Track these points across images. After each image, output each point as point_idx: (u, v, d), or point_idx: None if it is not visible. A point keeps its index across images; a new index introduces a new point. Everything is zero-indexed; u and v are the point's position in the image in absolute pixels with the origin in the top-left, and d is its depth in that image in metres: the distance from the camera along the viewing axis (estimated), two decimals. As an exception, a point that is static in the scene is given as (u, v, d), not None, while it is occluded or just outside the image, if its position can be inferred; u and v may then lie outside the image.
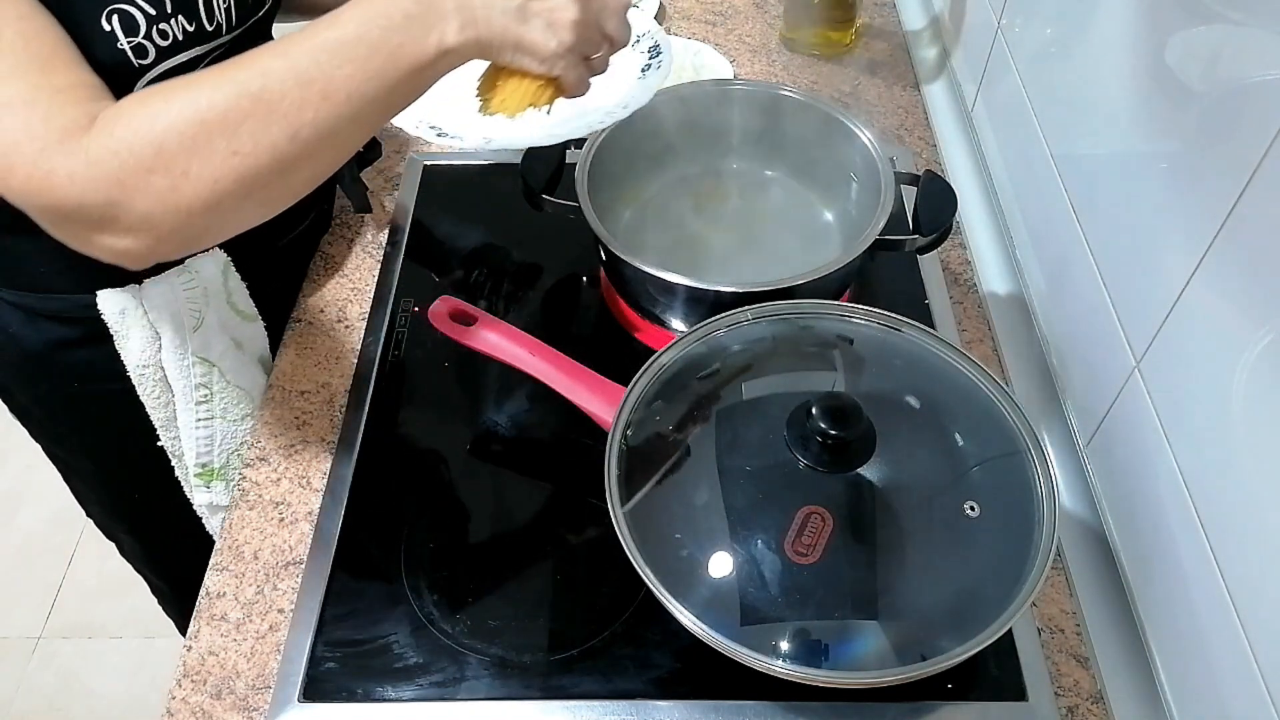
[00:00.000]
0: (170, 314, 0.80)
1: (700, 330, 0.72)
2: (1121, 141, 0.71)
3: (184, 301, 0.81)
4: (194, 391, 0.84)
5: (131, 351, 0.81)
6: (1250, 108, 0.55)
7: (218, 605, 0.72)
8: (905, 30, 1.22)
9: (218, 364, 0.84)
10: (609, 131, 0.87)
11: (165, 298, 0.80)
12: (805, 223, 0.91)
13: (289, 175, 0.58)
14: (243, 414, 0.87)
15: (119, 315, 0.79)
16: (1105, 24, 0.74)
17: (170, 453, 0.89)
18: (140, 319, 0.80)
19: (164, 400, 0.85)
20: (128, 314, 0.79)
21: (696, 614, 0.58)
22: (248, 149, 0.55)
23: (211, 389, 0.85)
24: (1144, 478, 0.67)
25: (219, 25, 0.71)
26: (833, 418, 0.62)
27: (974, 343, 0.88)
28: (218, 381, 0.85)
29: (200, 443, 0.87)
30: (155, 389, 0.84)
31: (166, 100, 0.55)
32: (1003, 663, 0.67)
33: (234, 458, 0.89)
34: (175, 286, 0.80)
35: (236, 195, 0.56)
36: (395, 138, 1.08)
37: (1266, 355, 0.53)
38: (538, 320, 0.90)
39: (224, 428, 0.87)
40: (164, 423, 0.87)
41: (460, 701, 0.66)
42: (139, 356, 0.82)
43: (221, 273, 0.83)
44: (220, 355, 0.84)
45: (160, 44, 0.67)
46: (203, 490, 0.90)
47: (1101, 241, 0.74)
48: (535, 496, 0.78)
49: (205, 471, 0.89)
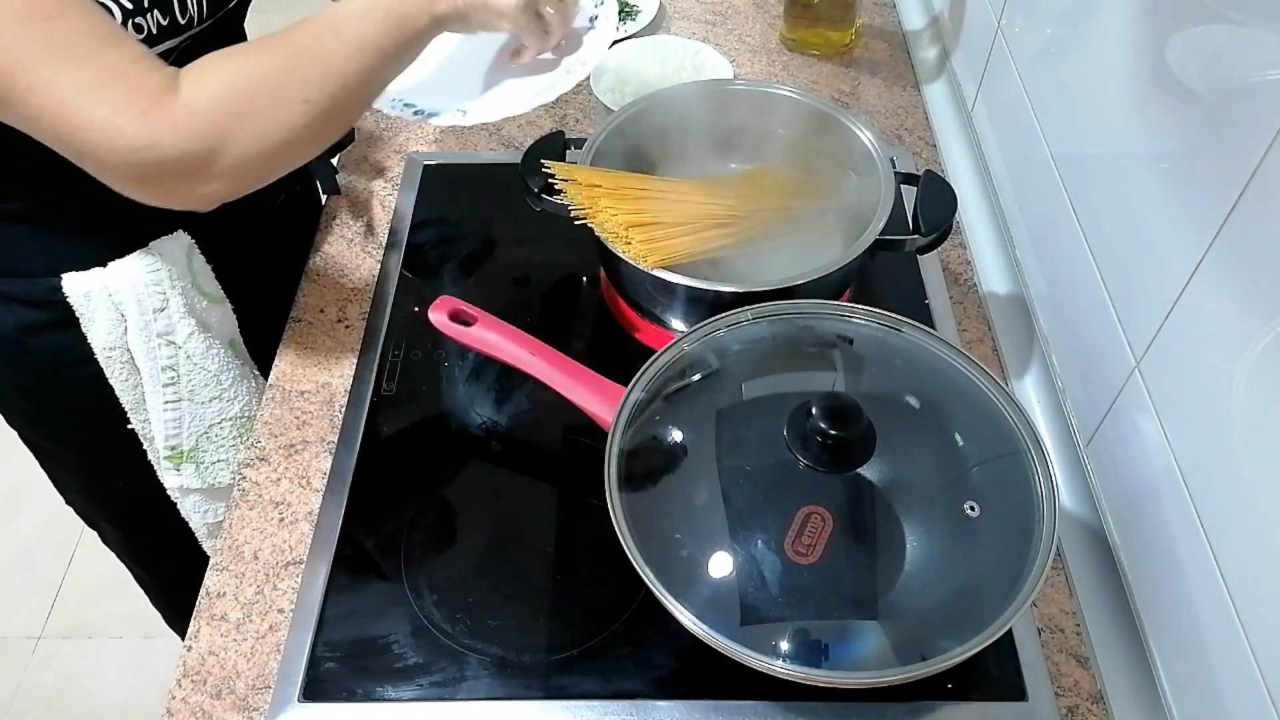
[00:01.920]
0: (135, 296, 0.81)
1: (700, 330, 0.72)
2: (1122, 141, 0.71)
3: (148, 284, 0.82)
4: (160, 374, 0.85)
5: (98, 334, 0.82)
6: (1250, 108, 0.55)
7: (218, 605, 0.72)
8: (905, 30, 1.22)
9: (183, 346, 0.85)
10: (609, 131, 0.87)
11: (129, 280, 0.81)
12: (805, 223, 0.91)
13: (339, 118, 0.70)
14: (210, 396, 0.88)
15: (84, 298, 0.80)
16: (1105, 24, 0.74)
17: (141, 435, 0.90)
18: (105, 301, 0.81)
19: (132, 383, 0.86)
20: (92, 297, 0.80)
21: (696, 614, 0.58)
22: (315, 96, 0.66)
23: (178, 371, 0.85)
24: (1144, 478, 0.67)
25: (190, 18, 0.73)
26: (833, 418, 0.62)
27: (974, 343, 0.88)
28: (184, 364, 0.85)
29: (169, 425, 0.88)
30: (123, 371, 0.85)
31: (245, 59, 0.66)
32: (1003, 663, 0.67)
33: (204, 440, 0.89)
34: (139, 269, 0.81)
35: (305, 138, 0.67)
36: (396, 137, 1.08)
37: (1267, 355, 0.53)
38: (538, 320, 0.90)
39: (192, 410, 0.88)
40: (133, 405, 0.88)
41: (460, 701, 0.66)
42: (105, 339, 0.83)
43: (186, 255, 0.84)
44: (186, 338, 0.85)
45: (136, 38, 0.68)
46: (173, 473, 0.91)
47: (1101, 241, 0.74)
48: (535, 496, 0.78)
49: (175, 454, 0.90)
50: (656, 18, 1.21)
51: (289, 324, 0.90)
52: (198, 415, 0.88)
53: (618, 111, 0.89)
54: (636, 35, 1.18)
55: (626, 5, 1.22)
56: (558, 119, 1.10)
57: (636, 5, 1.23)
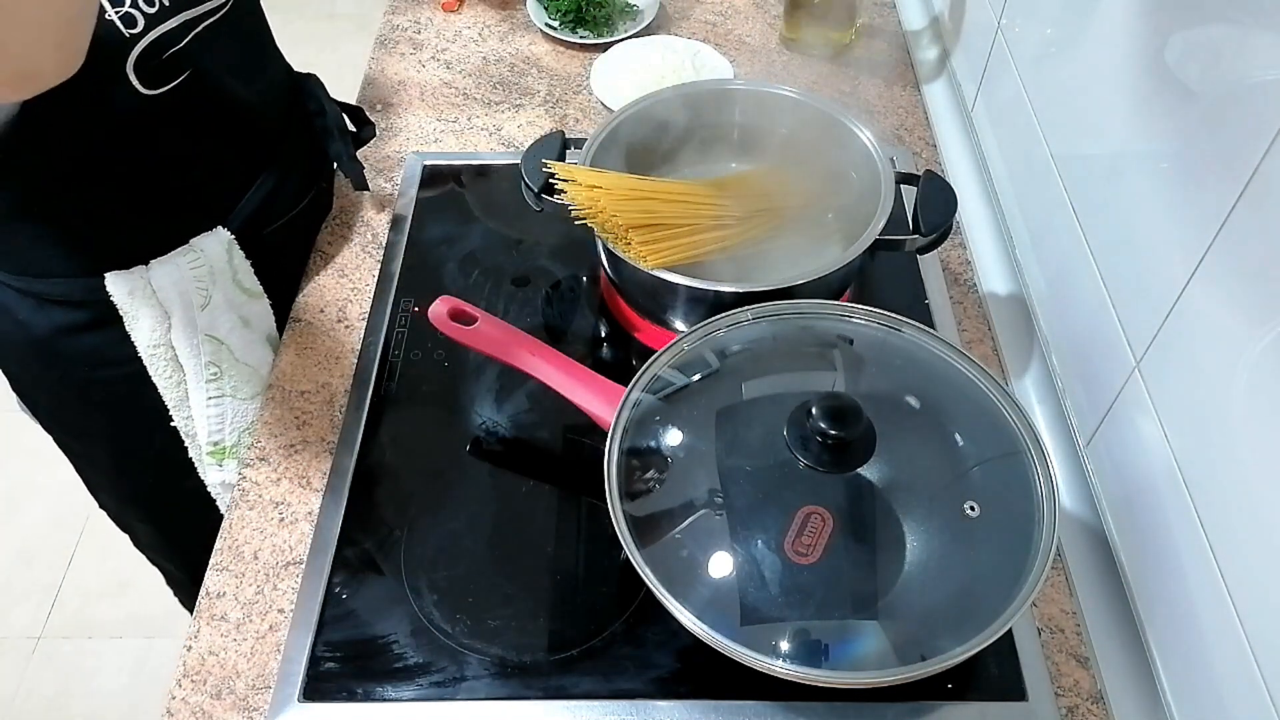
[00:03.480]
0: (178, 293, 0.82)
1: (700, 330, 0.72)
2: (1122, 141, 0.71)
3: (191, 281, 0.82)
4: (204, 370, 0.85)
5: (142, 332, 0.82)
6: (1250, 108, 0.55)
7: (218, 605, 0.72)
8: (905, 30, 1.22)
9: (226, 341, 0.86)
10: (609, 132, 0.87)
11: (172, 277, 0.81)
12: (805, 223, 0.91)
13: None
14: (253, 392, 0.88)
15: (128, 297, 0.80)
16: (1105, 24, 0.74)
17: (184, 433, 0.90)
18: (149, 299, 0.81)
19: (176, 380, 0.86)
20: (136, 295, 0.81)
21: (696, 614, 0.58)
22: None
23: (221, 367, 0.86)
24: (1144, 478, 0.67)
25: None
26: (833, 418, 0.62)
27: (974, 343, 0.88)
28: (227, 359, 0.86)
29: (212, 420, 0.88)
30: (167, 369, 0.86)
31: None
32: (1003, 663, 0.67)
33: (244, 435, 0.89)
34: (181, 266, 0.81)
35: None
36: (395, 137, 1.08)
37: (1267, 355, 0.53)
38: (538, 320, 0.90)
39: (234, 406, 0.88)
40: (176, 403, 0.88)
41: (460, 701, 0.66)
42: (149, 337, 0.83)
43: (226, 251, 0.84)
44: (228, 333, 0.85)
45: (148, 11, 0.69)
46: (215, 469, 0.91)
47: (1101, 241, 0.74)
48: (535, 496, 0.78)
49: (217, 450, 0.90)
50: (656, 18, 1.21)
51: (289, 324, 0.90)
52: (240, 411, 0.89)
53: (618, 111, 0.89)
54: (636, 35, 1.18)
55: (626, 5, 1.22)
56: (558, 119, 1.10)
57: (636, 5, 1.23)
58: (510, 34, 1.22)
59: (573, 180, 0.80)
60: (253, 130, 0.86)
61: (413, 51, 1.19)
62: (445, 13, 1.25)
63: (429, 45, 1.20)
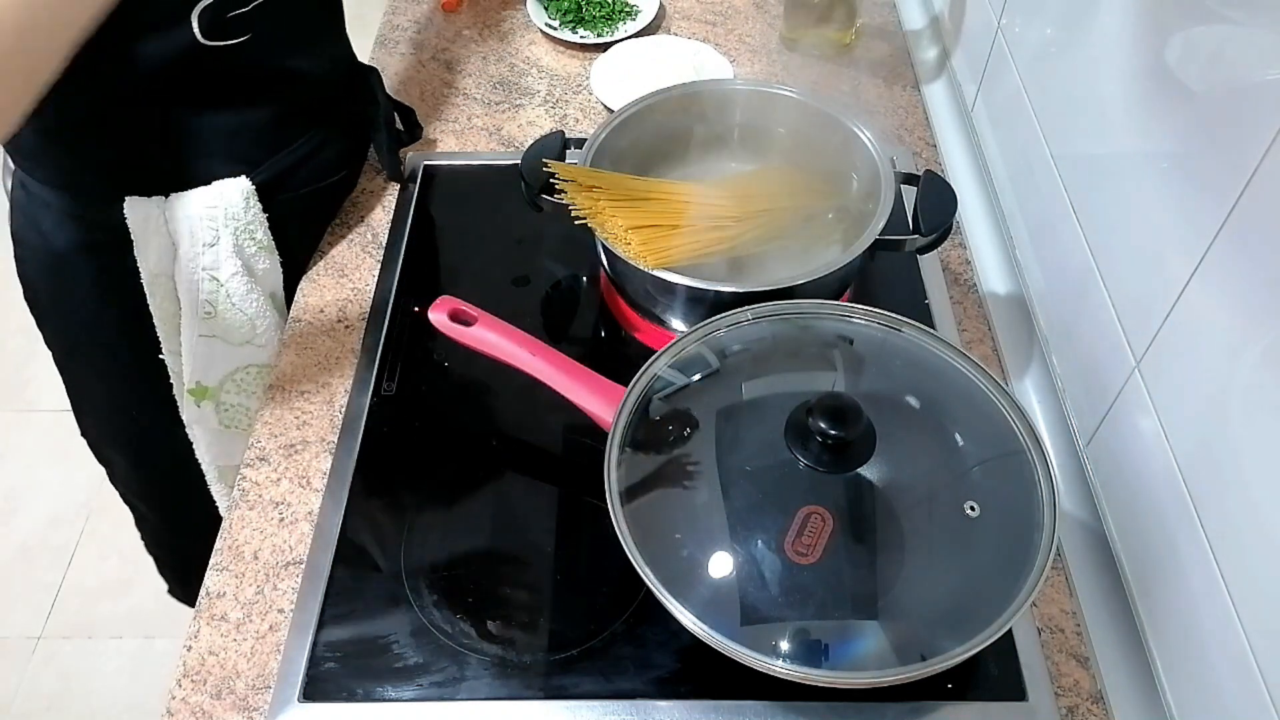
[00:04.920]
0: (188, 227, 0.84)
1: (700, 330, 0.72)
2: (1121, 141, 0.71)
3: (203, 218, 0.84)
4: (200, 307, 0.87)
5: (148, 259, 0.85)
6: (1250, 108, 0.55)
7: (218, 605, 0.72)
8: (905, 30, 1.22)
9: (225, 284, 0.87)
10: (609, 132, 0.87)
11: (186, 212, 0.84)
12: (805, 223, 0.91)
13: None
14: (243, 339, 0.89)
15: (141, 221, 0.83)
16: (1105, 24, 0.74)
17: (170, 370, 0.93)
18: (160, 228, 0.84)
19: (171, 311, 0.89)
20: (150, 222, 0.84)
21: (696, 614, 0.58)
22: None
23: (216, 307, 0.87)
24: (1144, 478, 0.67)
25: None
26: (833, 418, 0.62)
27: (974, 343, 0.88)
28: (223, 301, 0.87)
29: (198, 358, 0.90)
30: (165, 300, 0.88)
31: None
32: (1003, 663, 0.67)
33: (228, 381, 0.91)
34: (198, 203, 0.84)
35: None
36: (395, 138, 1.08)
37: (1267, 355, 0.53)
38: (538, 320, 0.90)
39: (224, 350, 0.90)
40: (167, 335, 0.91)
41: (460, 701, 0.66)
42: (154, 265, 0.86)
43: (244, 199, 0.86)
44: (230, 276, 0.87)
45: None
46: (193, 406, 0.93)
47: (1101, 241, 0.74)
48: (535, 496, 0.78)
49: (198, 389, 0.91)
50: (656, 18, 1.21)
51: (289, 323, 0.90)
52: (228, 355, 0.90)
53: (618, 111, 0.89)
54: (636, 35, 1.18)
55: (626, 5, 1.22)
56: (558, 119, 1.10)
57: (636, 5, 1.23)
58: (510, 34, 1.22)
59: (572, 180, 0.81)
60: (299, 101, 0.88)
61: (413, 51, 1.19)
62: (445, 13, 1.25)
63: (429, 45, 1.20)
